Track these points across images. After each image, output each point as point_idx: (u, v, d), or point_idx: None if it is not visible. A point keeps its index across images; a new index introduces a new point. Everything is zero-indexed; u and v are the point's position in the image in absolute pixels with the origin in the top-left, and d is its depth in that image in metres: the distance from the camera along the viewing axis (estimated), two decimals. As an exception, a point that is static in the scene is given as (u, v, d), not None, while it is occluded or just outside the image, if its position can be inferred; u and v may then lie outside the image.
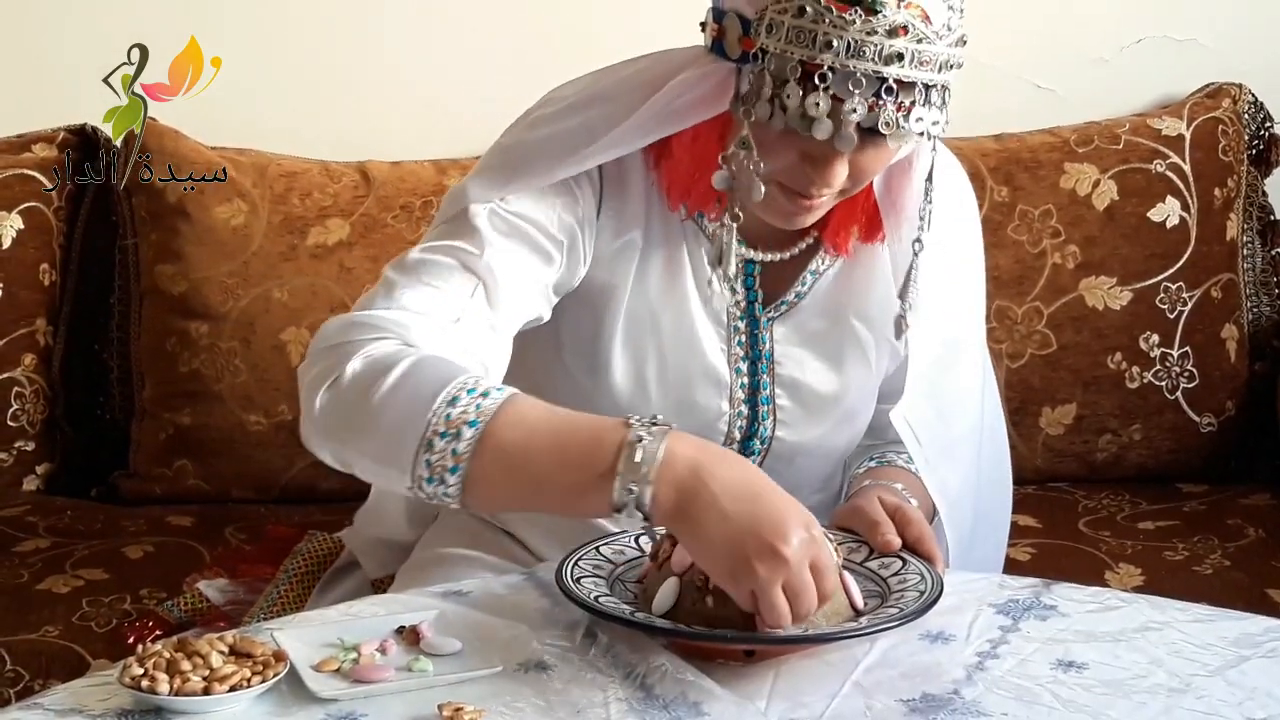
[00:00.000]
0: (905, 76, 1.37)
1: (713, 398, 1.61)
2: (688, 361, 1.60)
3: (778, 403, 1.63)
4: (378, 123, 2.55)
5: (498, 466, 1.34)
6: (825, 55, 1.36)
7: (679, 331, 1.59)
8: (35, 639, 1.95)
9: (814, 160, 1.43)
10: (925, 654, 1.36)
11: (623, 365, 1.59)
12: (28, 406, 2.38)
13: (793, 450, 1.65)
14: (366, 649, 1.34)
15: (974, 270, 1.72)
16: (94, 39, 2.33)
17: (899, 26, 1.36)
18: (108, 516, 2.28)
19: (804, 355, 1.63)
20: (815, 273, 1.63)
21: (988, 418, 1.74)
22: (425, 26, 2.55)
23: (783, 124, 1.39)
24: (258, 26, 2.50)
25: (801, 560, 1.29)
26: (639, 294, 1.58)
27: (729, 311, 1.61)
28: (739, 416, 1.62)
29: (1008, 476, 1.81)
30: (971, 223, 1.72)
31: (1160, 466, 2.44)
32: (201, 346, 2.34)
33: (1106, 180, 2.43)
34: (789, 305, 1.63)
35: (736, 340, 1.61)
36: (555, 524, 1.67)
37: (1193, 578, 2.11)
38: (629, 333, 1.58)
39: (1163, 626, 1.40)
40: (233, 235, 2.35)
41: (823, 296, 1.63)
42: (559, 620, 1.40)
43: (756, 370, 1.62)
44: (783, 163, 1.44)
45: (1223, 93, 2.53)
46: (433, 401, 1.34)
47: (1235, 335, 2.46)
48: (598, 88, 1.55)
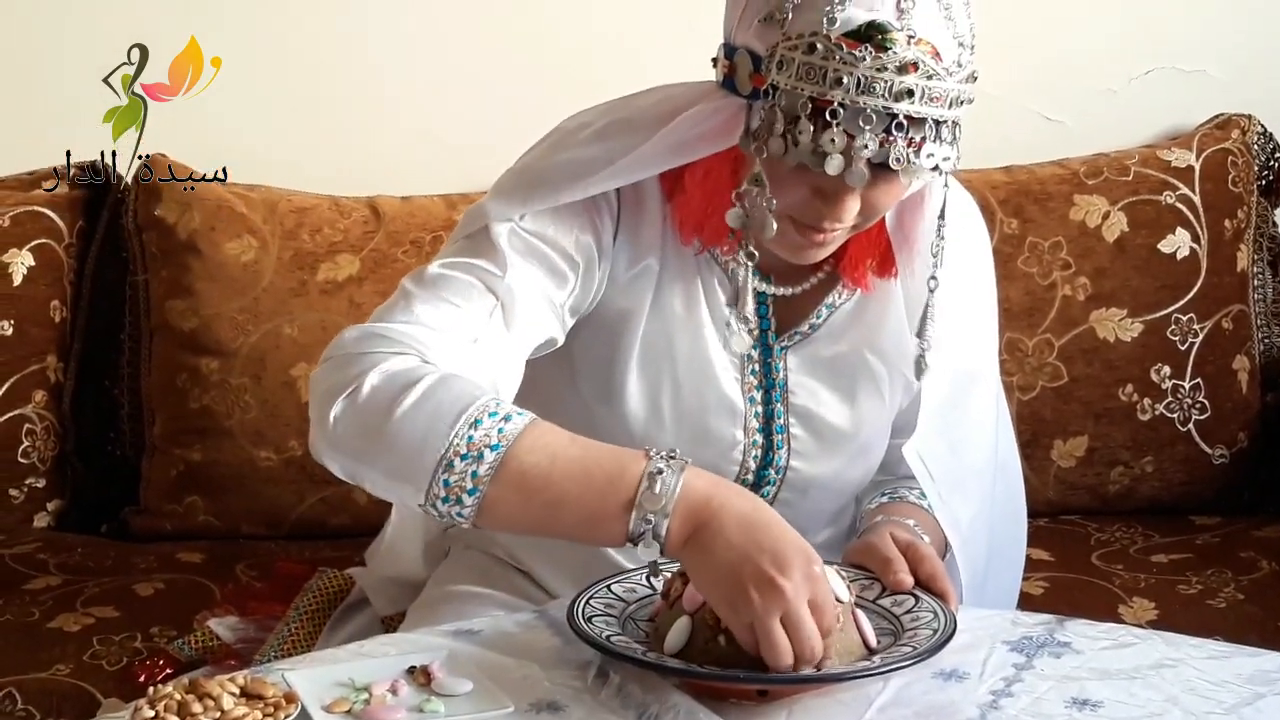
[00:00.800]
0: (916, 113, 1.38)
1: (727, 427, 1.61)
2: (703, 390, 1.60)
3: (792, 432, 1.63)
4: (388, 158, 2.55)
5: (516, 491, 1.35)
6: (836, 92, 1.37)
7: (694, 360, 1.59)
8: (46, 678, 1.95)
9: (825, 195, 1.44)
10: (939, 692, 1.35)
11: (638, 393, 1.59)
12: (39, 443, 2.38)
13: (807, 482, 1.64)
14: (378, 689, 1.33)
15: (986, 304, 1.72)
16: (94, 39, 2.33)
17: (909, 63, 1.37)
18: (118, 553, 2.28)
19: (817, 386, 1.63)
20: (831, 306, 1.63)
21: (1001, 452, 1.73)
22: (433, 63, 2.56)
23: (795, 160, 1.40)
24: (257, 45, 2.49)
25: (798, 593, 1.29)
26: (655, 320, 1.58)
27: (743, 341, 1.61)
28: (754, 446, 1.62)
29: (1022, 511, 1.81)
30: (984, 257, 1.72)
31: (1173, 498, 2.43)
32: (212, 382, 2.34)
33: (1116, 212, 2.43)
34: (802, 336, 1.63)
35: (750, 369, 1.61)
36: (567, 559, 1.67)
37: (1206, 611, 2.10)
38: (645, 360, 1.58)
39: (1177, 664, 1.39)
40: (243, 271, 2.36)
41: (837, 330, 1.63)
42: (571, 659, 1.39)
43: (770, 400, 1.62)
44: (794, 198, 1.45)
45: (1232, 123, 2.53)
46: (455, 422, 1.34)
47: (1247, 366, 2.45)
48: (615, 116, 1.55)
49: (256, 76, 2.45)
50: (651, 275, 1.58)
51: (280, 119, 2.53)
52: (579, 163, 1.53)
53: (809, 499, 1.65)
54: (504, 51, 2.55)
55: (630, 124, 1.53)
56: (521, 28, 2.56)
